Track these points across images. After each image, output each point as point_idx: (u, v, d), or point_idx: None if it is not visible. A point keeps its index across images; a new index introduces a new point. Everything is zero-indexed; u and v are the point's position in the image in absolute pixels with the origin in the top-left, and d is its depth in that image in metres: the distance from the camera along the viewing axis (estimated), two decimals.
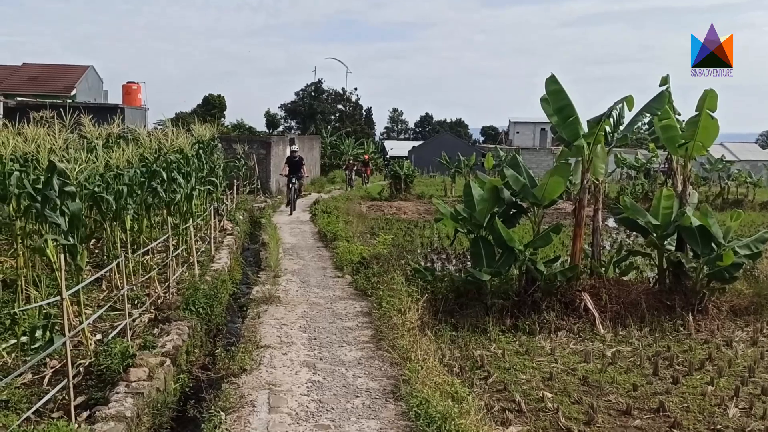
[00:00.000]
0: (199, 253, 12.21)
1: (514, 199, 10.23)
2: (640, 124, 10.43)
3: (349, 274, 12.23)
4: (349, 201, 26.78)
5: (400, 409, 5.89)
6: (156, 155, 12.54)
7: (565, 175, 9.76)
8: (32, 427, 5.29)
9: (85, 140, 13.54)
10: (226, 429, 5.18)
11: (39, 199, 7.90)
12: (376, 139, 78.26)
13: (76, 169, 7.89)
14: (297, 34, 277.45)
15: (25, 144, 9.88)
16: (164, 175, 11.29)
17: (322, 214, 21.32)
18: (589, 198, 10.10)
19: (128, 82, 37.10)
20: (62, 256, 6.03)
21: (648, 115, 10.13)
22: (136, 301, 9.44)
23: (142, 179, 11.07)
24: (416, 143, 70.89)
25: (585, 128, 9.75)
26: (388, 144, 72.85)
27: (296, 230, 18.57)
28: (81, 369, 6.95)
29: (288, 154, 25.24)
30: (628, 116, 10.18)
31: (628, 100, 9.45)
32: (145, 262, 11.20)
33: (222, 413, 5.42)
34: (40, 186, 8.21)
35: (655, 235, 10.25)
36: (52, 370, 7.01)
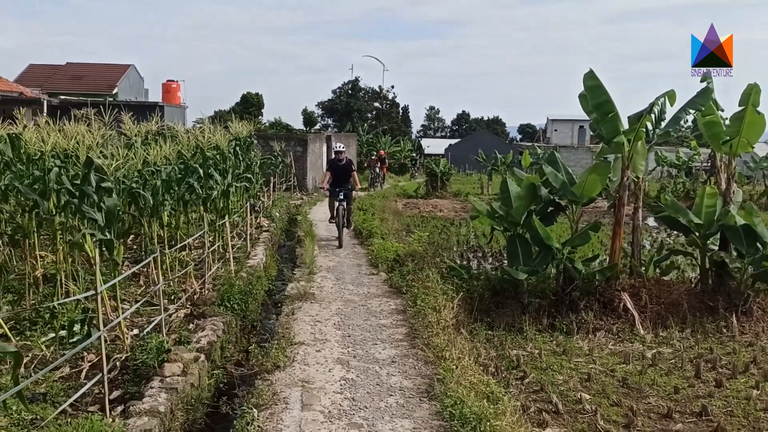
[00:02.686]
0: (234, 250, 12.27)
1: (551, 196, 10.05)
2: (682, 121, 10.12)
3: (384, 271, 12.17)
4: (385, 198, 26.77)
5: (434, 409, 5.80)
6: (193, 152, 12.63)
7: (604, 173, 9.56)
8: (67, 420, 5.33)
9: (124, 137, 13.69)
10: (259, 426, 5.15)
11: (77, 194, 8.00)
12: (413, 137, 78.22)
13: (113, 165, 7.94)
14: (334, 31, 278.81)
15: (64, 141, 10.02)
16: (201, 172, 11.35)
17: (358, 211, 21.28)
18: (629, 196, 9.87)
19: (168, 81, 37.61)
20: (98, 250, 6.07)
21: (691, 111, 9.87)
22: (172, 297, 9.52)
23: (179, 175, 11.16)
24: (453, 141, 70.74)
25: (625, 125, 9.53)
26: (424, 142, 72.78)
27: (332, 227, 18.54)
28: (117, 363, 7.01)
29: (331, 155, 19.18)
30: (670, 112, 9.93)
31: (670, 96, 9.20)
32: (181, 257, 11.28)
33: (255, 410, 5.39)
34: (78, 182, 8.33)
35: (697, 234, 9.98)
36: (90, 363, 7.09)
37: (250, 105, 65.18)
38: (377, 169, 34.79)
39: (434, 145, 69.46)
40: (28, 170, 9.38)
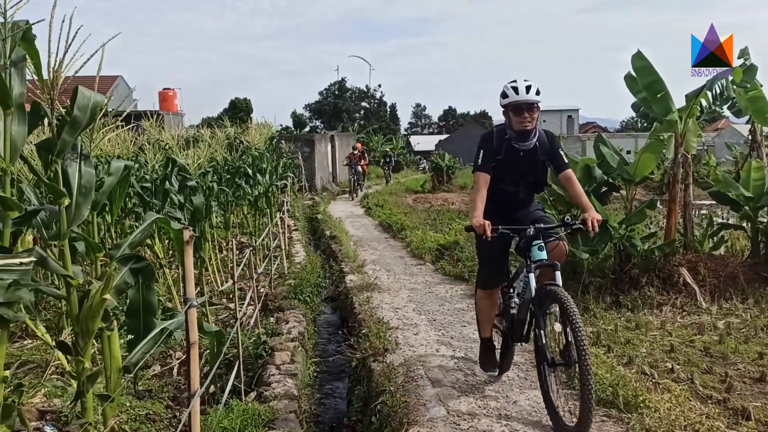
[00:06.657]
0: (274, 249, 12.40)
1: (605, 177, 10.25)
2: (732, 100, 10.36)
3: (430, 261, 12.32)
4: (394, 195, 26.93)
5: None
6: (240, 152, 12.75)
7: (658, 152, 9.76)
8: (209, 408, 5.45)
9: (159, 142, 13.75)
10: (404, 401, 5.28)
11: (147, 197, 8.08)
12: (400, 134, 78.44)
13: (194, 165, 8.03)
14: (313, 34, 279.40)
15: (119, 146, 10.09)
16: (249, 171, 11.46)
17: (376, 207, 21.50)
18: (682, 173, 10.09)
19: (164, 89, 37.56)
20: (232, 241, 6.17)
21: (735, 88, 10.11)
22: (238, 294, 9.62)
23: (228, 176, 11.26)
24: (442, 137, 70.83)
25: (677, 103, 9.73)
26: (413, 139, 72.87)
27: (357, 223, 18.71)
28: (207, 358, 7.11)
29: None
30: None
31: (736, 72, 9.42)
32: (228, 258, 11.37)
33: (390, 388, 5.52)
34: (147, 185, 8.43)
35: (747, 207, 10.22)
36: (178, 361, 7.21)
37: (239, 110, 65.06)
38: (359, 168, 30.07)
39: (423, 142, 69.44)
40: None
